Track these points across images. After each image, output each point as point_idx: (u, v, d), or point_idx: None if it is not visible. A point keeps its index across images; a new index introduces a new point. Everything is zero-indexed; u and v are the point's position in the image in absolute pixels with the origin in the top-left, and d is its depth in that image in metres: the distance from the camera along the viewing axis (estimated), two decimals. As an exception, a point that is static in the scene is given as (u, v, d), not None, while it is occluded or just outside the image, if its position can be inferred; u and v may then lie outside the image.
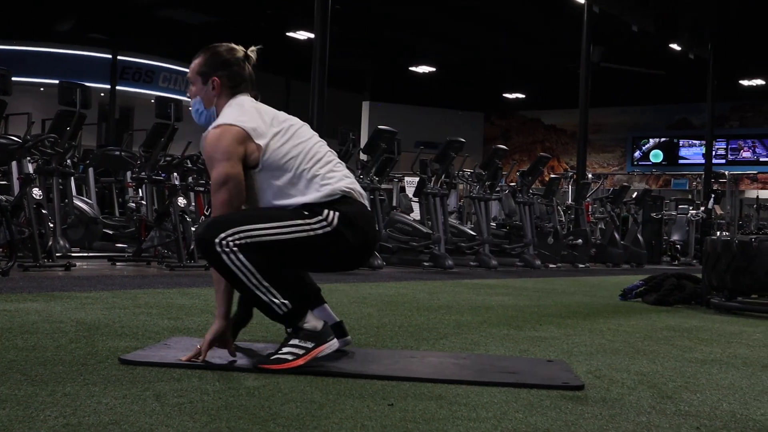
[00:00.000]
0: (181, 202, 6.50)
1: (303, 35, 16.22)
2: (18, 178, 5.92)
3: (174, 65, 17.93)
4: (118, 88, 16.66)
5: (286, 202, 2.32)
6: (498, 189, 9.89)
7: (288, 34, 16.65)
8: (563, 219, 11.40)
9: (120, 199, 9.10)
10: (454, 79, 21.66)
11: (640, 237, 11.70)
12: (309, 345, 2.25)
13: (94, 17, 16.16)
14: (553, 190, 10.70)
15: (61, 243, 6.45)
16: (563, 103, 20.56)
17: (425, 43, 18.66)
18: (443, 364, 2.45)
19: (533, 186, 10.13)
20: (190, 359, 2.25)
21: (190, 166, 7.05)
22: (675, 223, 13.41)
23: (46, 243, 5.58)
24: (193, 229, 6.64)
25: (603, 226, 11.62)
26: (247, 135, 2.30)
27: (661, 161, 22.44)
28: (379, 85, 22.02)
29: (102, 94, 16.28)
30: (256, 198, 2.36)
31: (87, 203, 7.68)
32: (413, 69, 20.69)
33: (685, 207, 13.59)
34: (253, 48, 2.52)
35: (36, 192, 5.67)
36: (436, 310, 4.09)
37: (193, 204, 7.79)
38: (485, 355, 2.68)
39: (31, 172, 5.83)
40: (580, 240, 10.42)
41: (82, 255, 7.05)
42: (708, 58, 16.37)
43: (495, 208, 10.39)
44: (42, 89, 15.27)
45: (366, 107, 22.05)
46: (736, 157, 21.41)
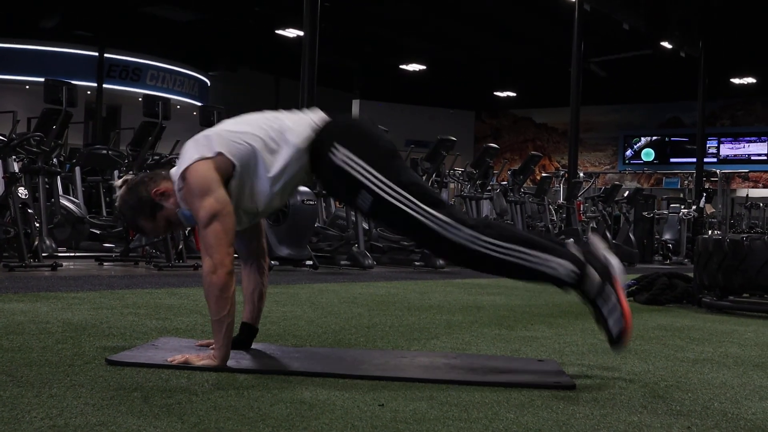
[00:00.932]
0: (169, 201, 6.45)
1: (292, 33, 16.19)
2: (3, 177, 5.88)
3: (162, 63, 17.86)
4: (104, 86, 16.59)
5: (280, 161, 2.24)
6: (489, 188, 9.89)
7: (277, 31, 16.61)
8: (555, 218, 11.41)
9: (107, 199, 9.05)
10: (444, 78, 21.68)
11: (631, 236, 11.73)
12: (612, 297, 2.16)
13: (80, 14, 16.08)
14: (545, 188, 10.72)
15: (48, 243, 6.41)
16: (554, 101, 20.63)
17: (415, 41, 18.67)
18: (434, 364, 2.43)
19: (524, 185, 10.15)
20: (176, 361, 2.21)
21: (179, 164, 7.01)
22: (667, 222, 13.46)
23: (32, 243, 5.54)
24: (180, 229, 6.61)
25: (595, 225, 11.64)
26: (205, 158, 2.21)
27: (653, 160, 22.53)
28: (369, 83, 22.02)
29: (89, 92, 16.21)
30: (255, 189, 2.27)
31: (74, 202, 7.63)
32: (403, 67, 20.70)
33: (677, 206, 13.64)
34: (118, 181, 2.43)
35: (22, 191, 5.62)
36: (427, 310, 4.07)
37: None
38: (475, 355, 2.67)
39: (16, 170, 5.78)
40: (572, 239, 10.42)
41: (68, 255, 7.01)
42: (699, 57, 16.44)
43: (486, 207, 10.40)
44: (27, 87, 15.19)
45: (356, 105, 22.04)
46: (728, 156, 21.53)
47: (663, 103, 22.06)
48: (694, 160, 17.60)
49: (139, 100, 7.67)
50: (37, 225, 5.93)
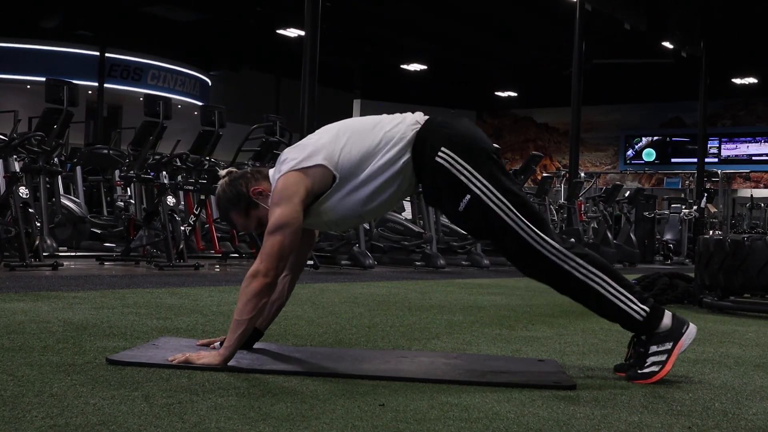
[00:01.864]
0: (170, 201, 6.47)
1: (293, 33, 16.18)
2: (4, 177, 5.89)
3: (163, 63, 17.86)
4: (106, 85, 16.60)
5: (383, 171, 2.24)
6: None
7: (278, 31, 16.61)
8: (556, 218, 11.40)
9: (108, 198, 9.06)
10: (445, 77, 21.68)
11: (632, 236, 11.73)
12: (668, 345, 2.20)
13: (81, 14, 16.09)
14: (546, 188, 10.71)
15: (48, 242, 6.41)
16: (555, 101, 20.61)
17: (416, 40, 18.67)
18: (434, 363, 2.43)
19: (525, 185, 10.14)
20: (176, 361, 2.22)
21: (179, 164, 7.02)
22: (668, 222, 13.46)
23: (32, 242, 5.54)
24: (182, 228, 6.60)
25: (596, 225, 11.63)
26: (301, 171, 2.23)
27: (654, 160, 22.52)
28: (370, 83, 22.02)
29: (90, 92, 16.22)
30: (362, 197, 2.27)
31: (74, 202, 7.63)
32: (404, 67, 20.69)
33: (678, 206, 13.63)
34: (222, 172, 2.45)
35: (23, 191, 5.62)
36: (428, 310, 4.07)
37: (182, 203, 7.76)
38: (476, 355, 2.67)
39: (17, 170, 5.78)
40: (573, 239, 10.41)
41: (69, 254, 7.01)
42: (700, 57, 16.43)
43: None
44: (29, 87, 15.20)
45: (357, 105, 22.04)
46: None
47: (664, 103, 22.05)
48: (696, 160, 17.60)
49: (140, 99, 7.67)
50: (38, 224, 5.93)
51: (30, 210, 5.64)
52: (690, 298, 4.90)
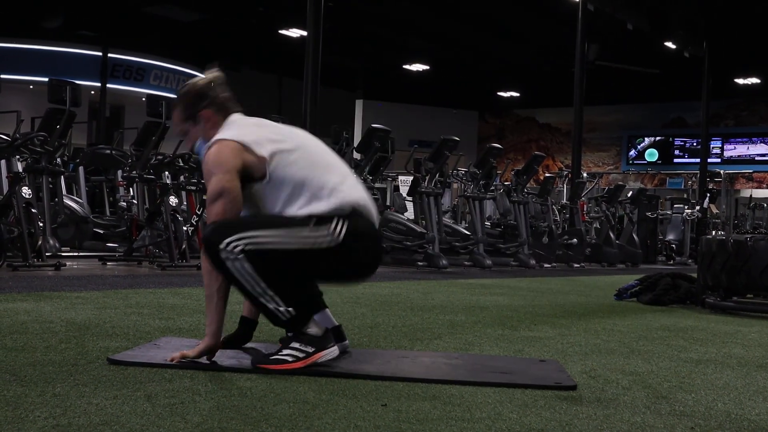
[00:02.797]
0: (172, 201, 6.47)
1: (295, 33, 16.18)
2: (7, 177, 5.89)
3: (165, 63, 17.87)
4: (108, 86, 16.60)
5: (296, 212, 2.28)
6: (492, 188, 9.88)
7: (280, 31, 16.60)
8: (558, 218, 11.39)
9: (111, 198, 9.06)
10: (448, 77, 21.66)
11: (635, 236, 11.71)
12: (309, 349, 2.25)
13: (83, 14, 16.09)
14: (548, 189, 10.70)
15: (51, 242, 6.40)
16: (558, 101, 20.59)
17: (419, 40, 18.65)
18: (436, 364, 2.43)
19: (528, 185, 10.13)
20: (174, 360, 2.23)
21: (182, 164, 7.02)
22: (670, 223, 13.43)
23: (35, 242, 5.54)
24: (184, 228, 6.61)
25: (598, 226, 11.62)
26: (244, 147, 2.28)
27: (656, 160, 22.49)
28: (373, 83, 22.01)
29: (92, 92, 16.22)
30: (265, 210, 2.33)
31: (77, 202, 7.63)
32: (407, 67, 20.68)
33: (681, 206, 13.61)
34: (214, 69, 2.51)
35: (25, 191, 5.63)
36: (430, 310, 4.07)
37: (184, 203, 7.76)
38: (477, 355, 2.67)
39: (20, 170, 5.79)
40: (575, 239, 10.42)
41: (72, 254, 7.02)
42: (703, 57, 16.40)
43: (489, 207, 10.38)
44: (31, 87, 15.19)
45: (359, 105, 22.04)
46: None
47: (667, 104, 22.01)
48: (698, 160, 17.56)
49: (143, 99, 7.68)
50: (41, 225, 5.93)
51: (33, 210, 5.65)
52: (693, 299, 4.89)
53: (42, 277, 5.00)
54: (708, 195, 14.71)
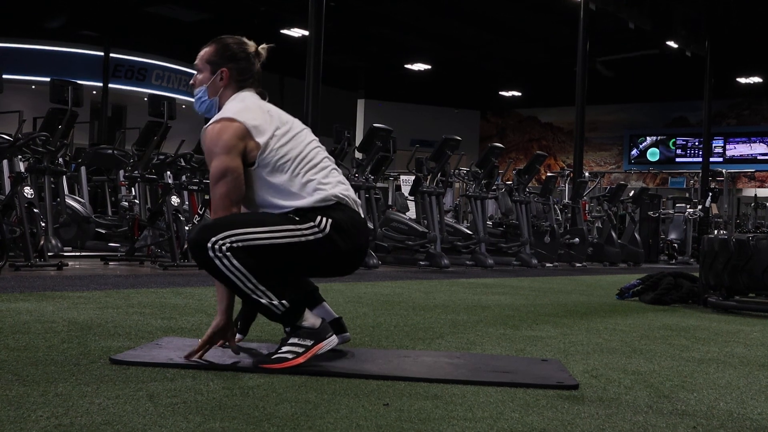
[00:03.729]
0: (174, 201, 6.48)
1: (297, 32, 16.18)
2: (9, 177, 5.89)
3: (167, 63, 17.88)
4: (110, 85, 16.61)
5: (280, 203, 2.31)
6: (494, 187, 9.88)
7: (282, 31, 16.61)
8: (560, 217, 11.39)
9: (113, 198, 9.06)
10: (449, 77, 21.66)
11: (637, 236, 11.71)
12: (308, 342, 2.25)
13: (85, 14, 16.10)
14: (550, 188, 10.70)
15: (53, 242, 6.42)
16: (560, 100, 20.57)
17: (420, 40, 18.65)
18: (438, 363, 2.43)
19: (530, 184, 10.13)
20: (189, 356, 2.24)
21: (184, 164, 7.03)
22: (672, 222, 13.43)
23: (37, 242, 5.55)
24: (186, 228, 6.62)
25: (600, 225, 11.62)
26: (247, 131, 2.30)
27: (658, 159, 22.47)
28: (374, 82, 22.00)
29: (94, 92, 16.23)
30: (251, 194, 2.35)
31: (79, 202, 7.65)
32: (408, 66, 20.68)
33: (683, 205, 13.60)
34: (264, 45, 2.54)
35: (27, 191, 5.63)
36: (432, 310, 4.07)
37: (186, 203, 7.77)
38: (478, 355, 2.67)
39: (22, 170, 5.79)
40: (577, 239, 10.42)
41: (74, 254, 7.02)
42: (705, 56, 16.39)
43: (491, 206, 10.38)
44: (33, 87, 15.21)
45: (361, 105, 22.04)
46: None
47: (669, 103, 22.00)
48: (700, 159, 17.55)
49: (145, 99, 7.68)
50: (43, 224, 5.94)
51: (35, 210, 5.65)
52: (694, 298, 4.89)
53: (44, 277, 5.00)
54: (710, 194, 14.70)
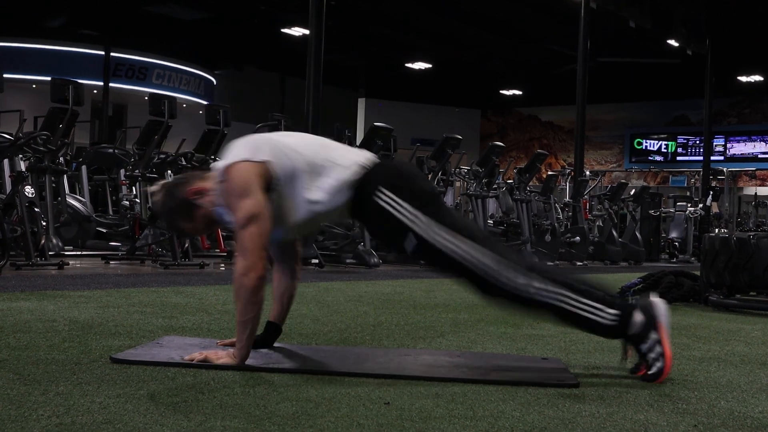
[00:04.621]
0: (175, 199, 6.46)
1: (298, 31, 16.18)
2: (10, 176, 5.90)
3: (168, 62, 17.87)
4: (111, 85, 16.61)
5: (321, 187, 2.24)
6: (495, 186, 9.88)
7: (283, 30, 16.60)
8: (561, 216, 11.39)
9: (113, 197, 9.07)
10: (450, 76, 21.64)
11: (638, 234, 11.70)
12: (654, 336, 2.19)
13: (86, 13, 16.10)
14: (551, 187, 10.70)
15: (54, 241, 6.42)
16: (561, 99, 20.54)
17: (421, 39, 18.63)
18: (438, 362, 2.43)
19: (530, 183, 10.12)
20: (196, 359, 2.20)
21: (185, 163, 7.03)
22: (673, 221, 13.42)
23: (38, 241, 5.56)
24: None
25: (601, 224, 11.61)
26: (251, 162, 2.22)
27: (659, 158, 22.46)
28: (375, 81, 21.99)
29: (95, 91, 16.23)
30: (290, 207, 2.27)
31: (80, 201, 7.65)
32: (409, 65, 20.67)
33: (684, 204, 13.60)
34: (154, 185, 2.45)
35: (28, 190, 5.64)
36: (433, 308, 4.07)
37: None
38: (479, 353, 2.67)
39: (23, 169, 5.80)
40: (578, 237, 10.42)
41: (75, 253, 7.03)
42: (706, 54, 16.37)
43: (492, 205, 10.38)
44: (34, 86, 15.22)
45: (362, 104, 22.03)
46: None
47: (670, 101, 21.99)
48: (701, 158, 17.54)
49: (145, 98, 7.68)
50: (44, 224, 5.95)
51: (36, 209, 5.66)
52: (695, 297, 4.89)
53: (45, 276, 5.01)
54: (711, 193, 14.69)
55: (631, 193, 12.48)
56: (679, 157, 22.20)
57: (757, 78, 19.77)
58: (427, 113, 21.95)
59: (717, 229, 13.44)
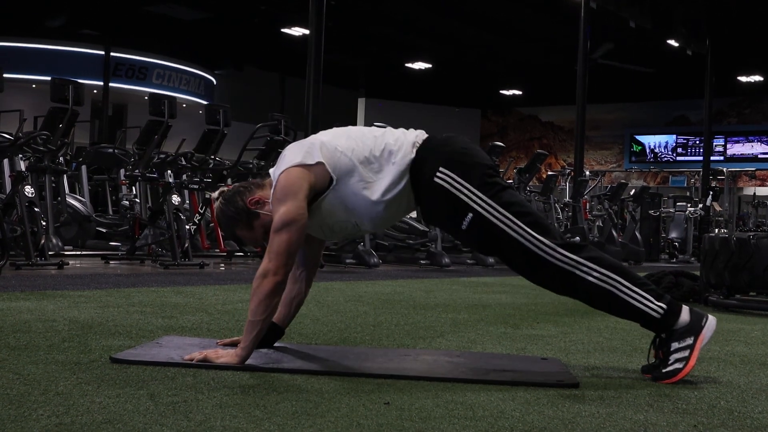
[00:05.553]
0: (175, 200, 6.48)
1: (298, 31, 16.19)
2: (10, 176, 5.91)
3: (168, 62, 17.88)
4: (111, 84, 16.63)
5: (382, 182, 2.24)
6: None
7: (283, 30, 16.61)
8: (561, 216, 11.39)
9: (113, 197, 9.08)
10: (450, 76, 21.65)
11: (638, 234, 11.71)
12: (689, 341, 2.18)
13: (86, 13, 16.11)
14: (551, 187, 10.70)
15: (54, 241, 6.43)
16: (561, 99, 20.56)
17: (421, 39, 18.64)
18: (438, 362, 2.43)
19: (530, 183, 10.13)
20: (196, 359, 2.20)
21: (184, 163, 7.03)
22: (673, 221, 13.43)
23: (38, 241, 5.56)
24: (187, 227, 6.61)
25: (601, 224, 11.61)
26: (304, 167, 2.22)
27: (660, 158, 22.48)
28: (375, 81, 22.00)
29: (95, 91, 16.25)
30: (356, 205, 2.26)
31: (80, 201, 7.65)
32: (409, 65, 20.68)
33: (683, 204, 13.60)
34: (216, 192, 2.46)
35: (28, 190, 5.64)
36: (433, 309, 4.07)
37: (187, 202, 7.78)
38: (479, 353, 2.67)
39: (23, 169, 5.80)
40: (578, 237, 10.41)
41: (75, 253, 7.03)
42: (706, 54, 16.38)
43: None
44: (34, 86, 15.23)
45: (362, 104, 22.04)
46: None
47: (670, 101, 21.99)
48: (701, 158, 17.54)
49: (145, 98, 7.69)
50: (44, 223, 5.95)
51: (35, 209, 5.66)
52: (695, 297, 4.89)
53: (45, 275, 5.01)
54: (711, 193, 14.70)
55: (631, 193, 12.49)
56: (679, 157, 22.20)
57: (757, 78, 19.78)
58: (428, 113, 21.96)
59: (717, 230, 13.43)
